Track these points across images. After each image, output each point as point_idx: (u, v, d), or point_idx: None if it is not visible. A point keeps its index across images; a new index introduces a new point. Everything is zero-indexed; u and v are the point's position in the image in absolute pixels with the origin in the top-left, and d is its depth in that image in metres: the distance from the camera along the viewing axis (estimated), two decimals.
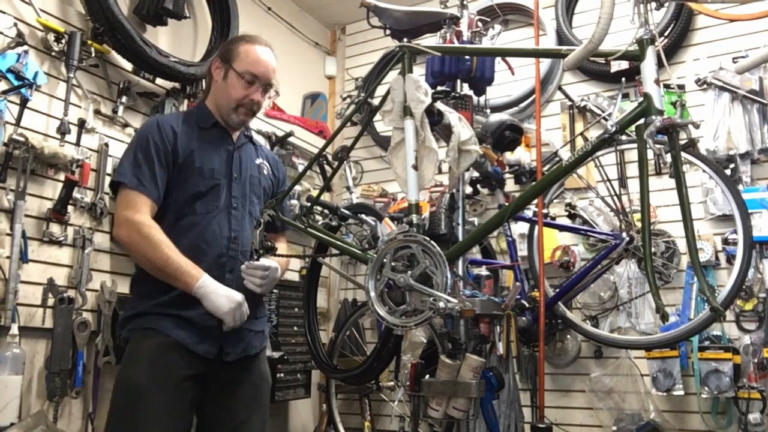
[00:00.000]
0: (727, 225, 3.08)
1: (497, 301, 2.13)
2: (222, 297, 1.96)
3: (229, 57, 2.13)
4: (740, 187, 3.00)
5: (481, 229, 2.16)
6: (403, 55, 2.21)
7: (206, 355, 1.99)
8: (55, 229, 2.60)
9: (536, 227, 2.98)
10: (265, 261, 2.14)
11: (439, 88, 2.38)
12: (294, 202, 3.51)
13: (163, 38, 3.20)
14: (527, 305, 2.85)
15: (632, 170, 3.34)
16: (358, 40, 4.46)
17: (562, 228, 3.29)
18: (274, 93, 2.31)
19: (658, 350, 3.01)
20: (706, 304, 1.91)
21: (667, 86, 3.20)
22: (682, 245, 3.15)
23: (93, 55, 2.77)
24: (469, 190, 2.77)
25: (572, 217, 3.34)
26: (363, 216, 2.74)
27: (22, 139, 2.44)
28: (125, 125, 2.91)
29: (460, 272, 2.17)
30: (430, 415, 2.05)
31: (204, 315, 1.96)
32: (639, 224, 2.44)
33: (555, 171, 2.10)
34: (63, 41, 2.66)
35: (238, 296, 2.00)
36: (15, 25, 2.52)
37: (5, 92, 2.46)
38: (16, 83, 2.48)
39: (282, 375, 3.48)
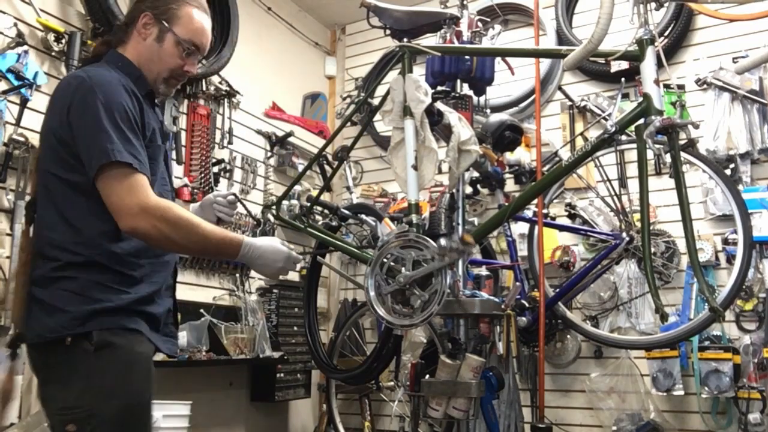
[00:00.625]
0: (727, 225, 3.08)
1: (497, 301, 2.13)
2: (267, 258, 1.72)
3: (167, 17, 1.77)
4: (740, 187, 3.00)
5: (481, 229, 2.16)
6: (403, 55, 2.21)
7: (172, 354, 1.80)
8: None
9: (536, 227, 2.98)
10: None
11: (439, 88, 2.38)
12: (294, 202, 3.52)
13: None
14: (527, 305, 2.85)
15: (632, 170, 3.34)
16: (358, 40, 4.46)
17: (562, 228, 3.29)
18: (202, 64, 1.94)
19: (658, 350, 3.01)
20: (706, 304, 1.91)
21: (667, 86, 3.20)
22: (682, 245, 3.15)
23: None
24: (469, 190, 2.77)
25: (572, 217, 3.34)
26: (363, 216, 2.74)
27: (22, 139, 2.45)
28: None
29: (460, 272, 2.17)
30: (430, 415, 2.05)
31: (167, 311, 1.75)
32: (639, 224, 2.44)
33: (555, 171, 2.10)
34: (63, 41, 2.66)
35: (281, 246, 1.77)
36: (15, 25, 2.52)
37: (5, 92, 2.46)
38: (16, 83, 2.48)
39: (282, 375, 3.48)
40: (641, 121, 1.86)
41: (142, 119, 1.67)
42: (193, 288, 3.22)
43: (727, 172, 3.03)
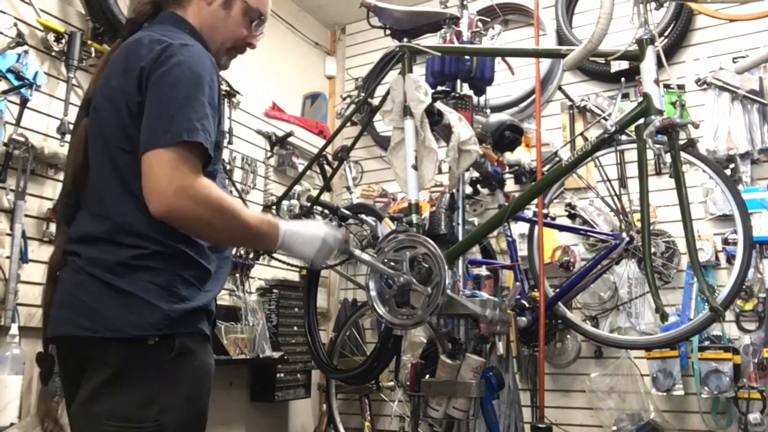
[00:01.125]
0: (727, 225, 3.08)
1: (497, 301, 2.13)
2: (306, 243, 1.57)
3: None
4: (740, 187, 3.00)
5: (481, 229, 2.16)
6: (403, 55, 2.21)
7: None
8: (55, 229, 2.60)
9: (536, 227, 2.98)
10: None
11: (439, 88, 2.38)
12: (294, 202, 3.51)
13: None
14: (527, 305, 2.85)
15: (632, 170, 3.34)
16: (358, 40, 4.46)
17: (562, 228, 3.29)
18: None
19: (658, 350, 3.01)
20: (706, 304, 1.91)
21: (667, 86, 3.20)
22: (682, 245, 3.15)
23: (93, 55, 2.77)
24: (469, 190, 2.78)
25: (572, 217, 3.34)
26: (363, 216, 2.74)
27: (22, 139, 2.44)
28: None
29: (460, 272, 2.17)
30: (430, 415, 2.05)
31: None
32: (639, 224, 2.45)
33: (555, 171, 2.10)
34: (63, 41, 2.66)
35: (319, 229, 1.62)
36: (15, 25, 2.52)
37: (5, 92, 2.46)
38: (16, 83, 2.48)
39: (282, 375, 3.48)
40: (641, 120, 1.87)
41: (221, 99, 1.49)
42: None
43: (727, 172, 3.03)
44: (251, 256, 3.46)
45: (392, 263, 1.95)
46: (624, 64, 3.33)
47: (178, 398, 1.36)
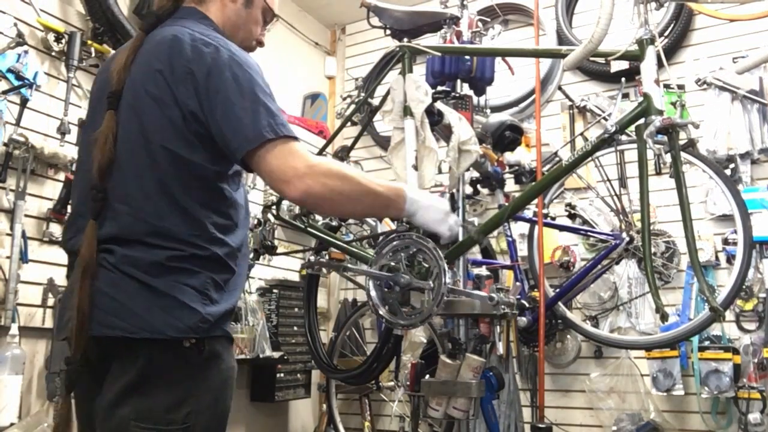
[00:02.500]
0: (727, 225, 3.08)
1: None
2: (431, 209, 1.63)
3: None
4: (740, 187, 3.00)
5: (481, 229, 2.16)
6: (403, 55, 2.21)
7: None
8: (55, 229, 2.60)
9: (536, 227, 2.98)
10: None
11: (439, 88, 2.38)
12: None
13: None
14: (527, 305, 2.85)
15: (632, 170, 3.34)
16: (358, 40, 4.46)
17: (562, 228, 3.29)
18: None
19: (658, 350, 3.01)
20: (706, 304, 1.91)
21: (667, 86, 3.19)
22: (682, 245, 3.15)
23: (93, 55, 2.77)
24: (469, 190, 2.77)
25: (572, 217, 3.34)
26: None
27: (22, 139, 2.45)
28: None
29: (460, 272, 2.17)
30: (430, 415, 2.05)
31: None
32: (639, 224, 2.44)
33: (555, 171, 2.10)
34: (63, 41, 2.66)
35: (442, 202, 1.70)
36: (15, 25, 2.52)
37: (5, 92, 2.46)
38: (16, 83, 2.48)
39: (282, 375, 3.48)
40: (641, 120, 1.86)
41: None
42: None
43: (727, 172, 3.03)
44: (251, 256, 3.46)
45: (391, 264, 1.95)
46: (624, 64, 3.33)
47: (205, 401, 1.36)
